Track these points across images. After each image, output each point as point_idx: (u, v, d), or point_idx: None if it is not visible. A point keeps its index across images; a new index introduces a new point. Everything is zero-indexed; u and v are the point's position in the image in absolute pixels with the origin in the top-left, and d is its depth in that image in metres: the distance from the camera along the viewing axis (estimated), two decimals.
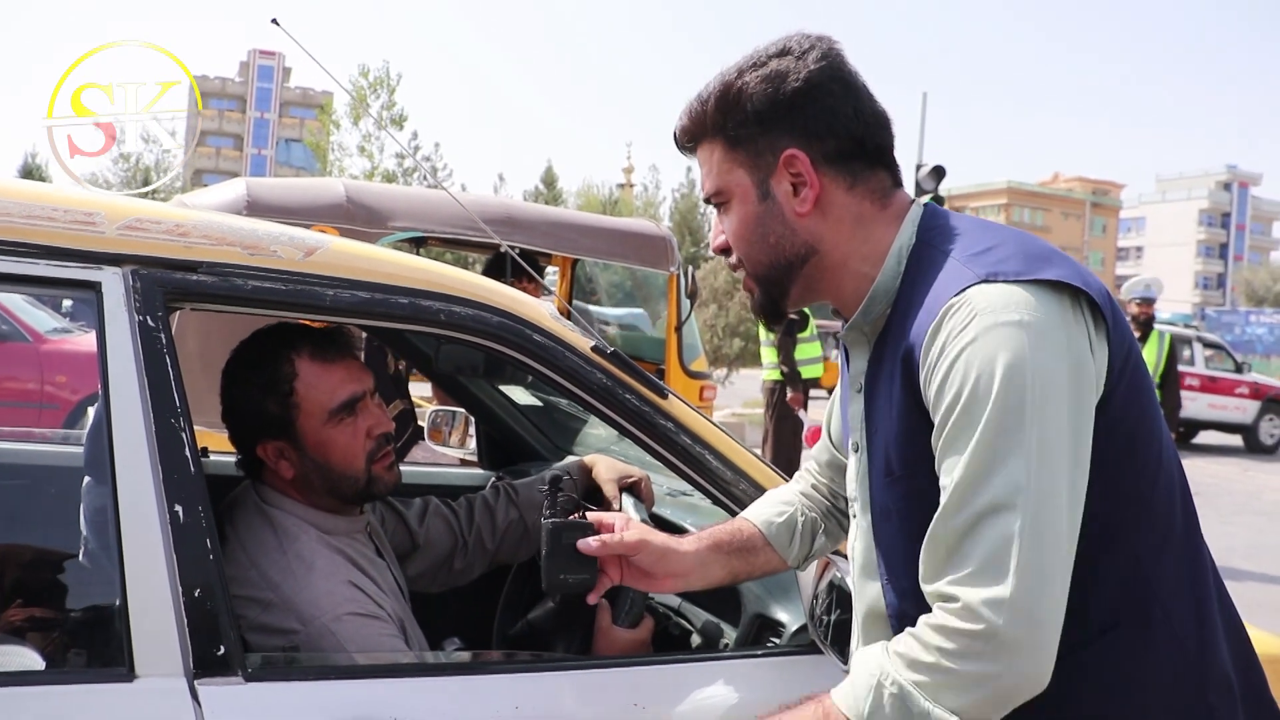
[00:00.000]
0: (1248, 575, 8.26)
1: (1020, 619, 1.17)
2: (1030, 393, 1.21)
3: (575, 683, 1.75)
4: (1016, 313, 1.25)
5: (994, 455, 1.22)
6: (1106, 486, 1.29)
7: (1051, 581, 1.20)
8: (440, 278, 1.86)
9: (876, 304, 1.45)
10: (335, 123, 30.05)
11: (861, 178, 1.46)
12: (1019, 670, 1.18)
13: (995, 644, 1.17)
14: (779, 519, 1.80)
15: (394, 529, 2.35)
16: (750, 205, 1.48)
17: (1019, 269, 1.29)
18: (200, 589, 1.49)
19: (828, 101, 1.43)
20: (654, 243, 6.91)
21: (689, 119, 1.52)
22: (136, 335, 1.57)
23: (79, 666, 1.66)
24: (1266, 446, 18.96)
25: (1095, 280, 1.33)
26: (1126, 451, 1.32)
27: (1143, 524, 1.34)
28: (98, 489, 1.97)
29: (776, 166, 1.45)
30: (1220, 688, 1.37)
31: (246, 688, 1.50)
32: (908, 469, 1.36)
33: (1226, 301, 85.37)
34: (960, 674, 1.19)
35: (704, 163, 1.53)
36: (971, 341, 1.24)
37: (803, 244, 1.47)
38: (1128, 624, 1.32)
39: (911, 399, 1.34)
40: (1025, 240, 1.37)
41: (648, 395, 1.93)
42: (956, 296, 1.29)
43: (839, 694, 1.31)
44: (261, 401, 1.95)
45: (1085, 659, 1.31)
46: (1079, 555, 1.26)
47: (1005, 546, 1.19)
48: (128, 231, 1.63)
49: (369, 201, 5.62)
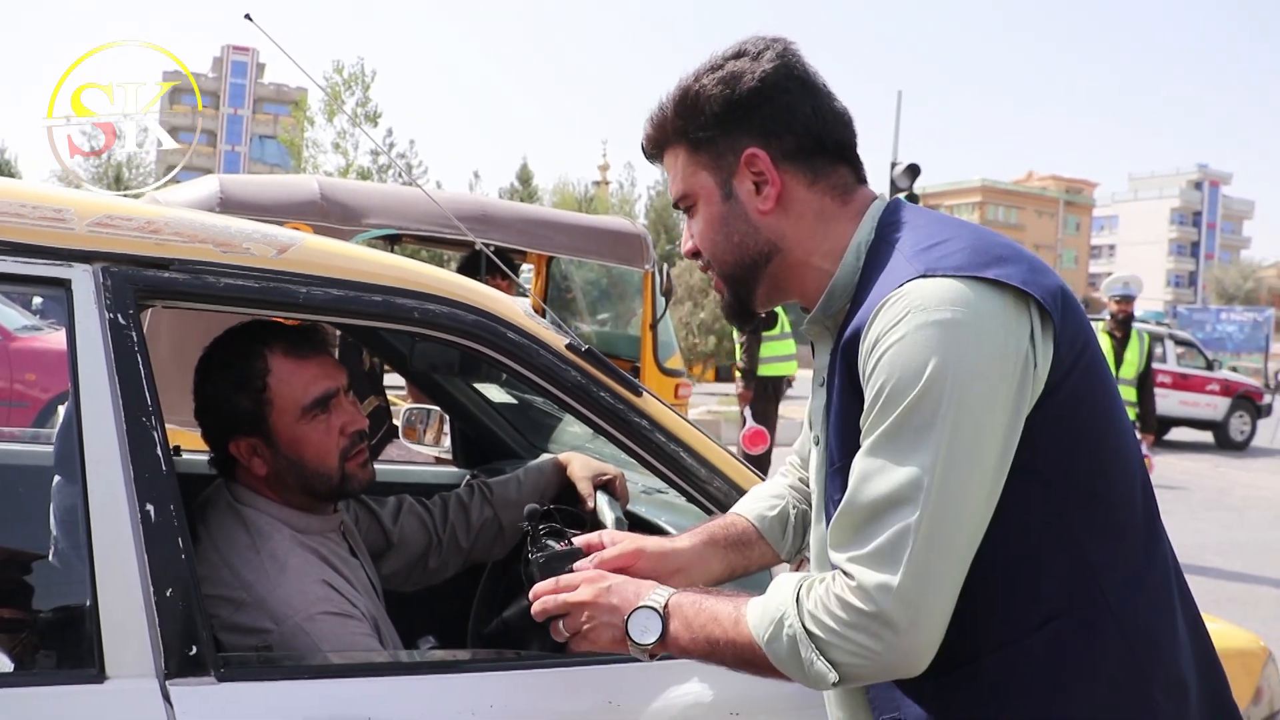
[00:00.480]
0: (1219, 570, 8.34)
1: (905, 608, 1.24)
2: (949, 393, 1.23)
3: (550, 680, 1.75)
4: (949, 310, 1.26)
5: (901, 450, 1.25)
6: (1055, 478, 1.32)
7: (940, 578, 1.25)
8: (415, 275, 1.86)
9: (836, 299, 1.47)
10: (310, 119, 29.90)
11: (822, 174, 1.48)
12: (898, 650, 1.25)
13: (879, 624, 1.25)
14: (771, 512, 1.81)
15: (368, 527, 2.34)
16: (715, 206, 1.51)
17: (960, 264, 1.30)
18: (172, 589, 1.49)
19: (784, 100, 1.45)
20: (629, 240, 6.91)
21: (652, 127, 1.55)
22: (107, 333, 1.56)
23: (49, 668, 1.65)
24: (1237, 443, 19.14)
25: (1049, 278, 1.34)
26: (1075, 446, 1.33)
27: (1094, 516, 1.34)
28: (68, 488, 1.95)
29: (738, 166, 1.47)
30: (1169, 685, 1.37)
31: (219, 688, 1.49)
32: (845, 458, 1.38)
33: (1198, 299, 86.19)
34: (847, 640, 1.27)
35: (670, 169, 1.56)
36: (900, 339, 1.26)
37: (766, 242, 1.49)
38: (1072, 614, 1.33)
39: (851, 391, 1.36)
40: (981, 237, 1.37)
41: (622, 393, 1.93)
42: (894, 291, 1.30)
43: (751, 612, 1.38)
44: (234, 397, 1.94)
45: (1028, 647, 1.32)
46: (1023, 543, 1.31)
47: (901, 539, 1.24)
48: (98, 228, 1.62)
49: (343, 199, 5.60)
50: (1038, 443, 1.29)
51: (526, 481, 2.49)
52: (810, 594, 1.32)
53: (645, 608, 1.47)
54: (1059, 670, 1.33)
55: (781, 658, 1.33)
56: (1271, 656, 2.46)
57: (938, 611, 1.26)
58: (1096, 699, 1.34)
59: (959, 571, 1.27)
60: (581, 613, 1.53)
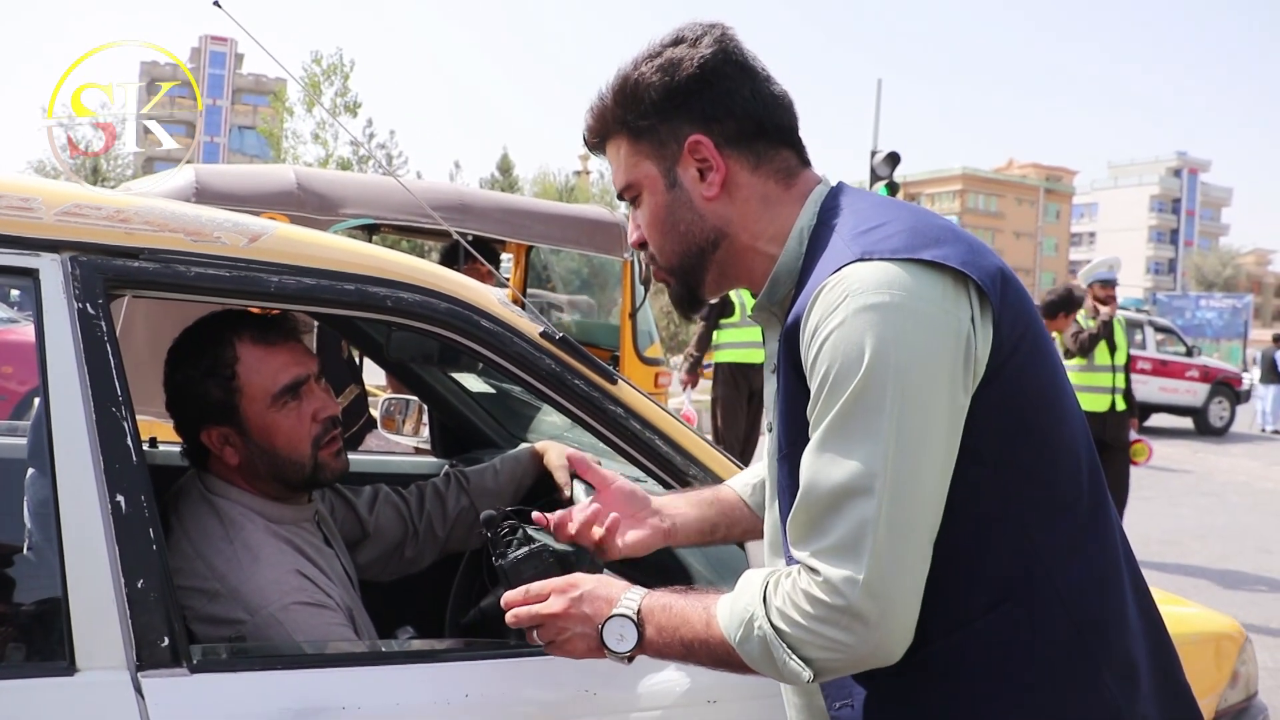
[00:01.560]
0: (1197, 555, 8.41)
1: (875, 599, 1.23)
2: (893, 378, 1.23)
3: (526, 669, 1.74)
4: (887, 293, 1.25)
5: (852, 438, 1.25)
6: (999, 462, 1.31)
7: (906, 565, 1.25)
8: (387, 264, 1.84)
9: (780, 285, 1.47)
10: (289, 110, 29.74)
11: (765, 158, 1.48)
12: (870, 642, 1.25)
13: (849, 617, 1.24)
14: (754, 480, 1.82)
15: (343, 517, 2.33)
16: (659, 195, 1.50)
17: (897, 247, 1.29)
18: (143, 580, 1.48)
19: (724, 85, 1.45)
20: (607, 229, 6.90)
21: (593, 118, 1.54)
22: (76, 323, 1.55)
23: (18, 660, 1.64)
24: (1216, 429, 19.28)
25: (987, 259, 1.33)
26: (1018, 430, 1.32)
27: (1040, 501, 1.34)
28: (40, 480, 1.94)
29: (681, 153, 1.47)
30: (1119, 668, 1.37)
31: (191, 679, 1.48)
32: (792, 445, 1.38)
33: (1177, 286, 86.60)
34: (818, 636, 1.26)
35: (612, 159, 1.55)
36: (840, 324, 1.26)
37: (712, 229, 1.49)
38: (1016, 598, 1.33)
39: (795, 377, 1.36)
40: (920, 219, 1.37)
41: (597, 380, 1.93)
42: (831, 275, 1.30)
43: (721, 612, 1.38)
44: (203, 386, 1.92)
45: (973, 632, 1.33)
46: (968, 527, 1.30)
47: (862, 530, 1.23)
48: (66, 217, 1.60)
49: (320, 188, 5.57)
50: (980, 426, 1.29)
51: (503, 471, 2.48)
52: (778, 591, 1.31)
53: (619, 616, 1.46)
54: (1007, 654, 1.33)
55: (755, 658, 1.33)
56: (1249, 640, 2.48)
57: (907, 600, 1.25)
58: (1046, 682, 1.34)
59: (924, 557, 1.27)
60: (554, 624, 1.52)
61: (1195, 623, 2.44)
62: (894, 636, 1.25)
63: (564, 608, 1.51)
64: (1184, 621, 2.33)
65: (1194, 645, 2.26)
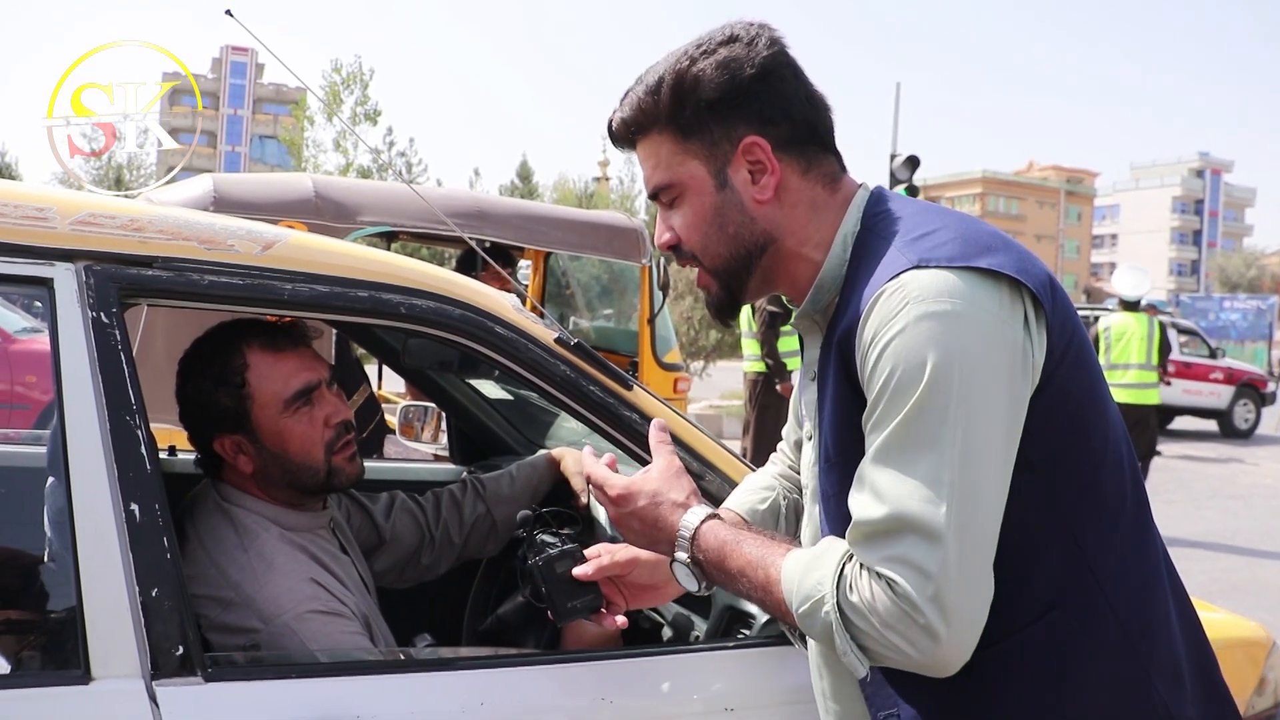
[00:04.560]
0: (1222, 560, 8.33)
1: (945, 614, 1.20)
2: (956, 387, 1.21)
3: (543, 677, 1.73)
4: (947, 301, 1.24)
5: (917, 448, 1.22)
6: (1048, 469, 1.30)
7: (974, 578, 1.22)
8: (401, 271, 1.84)
9: (824, 291, 1.45)
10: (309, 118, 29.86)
11: (815, 163, 1.46)
12: (934, 655, 1.22)
13: (918, 630, 1.21)
14: (762, 505, 1.77)
15: (360, 524, 2.33)
16: (707, 196, 1.46)
17: (953, 254, 1.28)
18: (158, 589, 1.47)
19: (781, 87, 1.43)
20: (626, 235, 6.88)
21: (635, 110, 1.48)
22: (90, 332, 1.55)
23: (34, 669, 1.64)
24: (1241, 431, 19.10)
25: (1038, 267, 1.32)
26: (1070, 435, 1.32)
27: (1087, 506, 1.33)
28: (58, 489, 1.95)
29: (735, 154, 1.43)
30: (1169, 675, 1.36)
31: (206, 688, 1.48)
32: (843, 455, 1.36)
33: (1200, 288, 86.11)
34: (884, 641, 1.23)
35: (649, 156, 1.49)
36: (900, 331, 1.24)
37: (762, 232, 1.46)
38: (1068, 605, 1.32)
39: (847, 385, 1.34)
40: (968, 226, 1.36)
41: (612, 387, 1.92)
42: (889, 282, 1.28)
43: (788, 575, 1.35)
44: (215, 395, 1.93)
45: (1026, 639, 1.31)
46: (1020, 536, 1.28)
47: (933, 542, 1.20)
48: (81, 227, 1.60)
49: (337, 196, 5.58)
50: (1033, 433, 1.28)
51: (520, 477, 2.48)
52: (855, 586, 1.26)
53: (677, 564, 1.50)
54: (1058, 661, 1.32)
55: (814, 633, 1.32)
56: (1276, 645, 2.44)
57: (975, 613, 1.23)
58: (1097, 689, 1.33)
59: (989, 569, 1.24)
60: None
61: (1222, 628, 2.41)
62: (959, 650, 1.23)
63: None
64: (1210, 627, 2.28)
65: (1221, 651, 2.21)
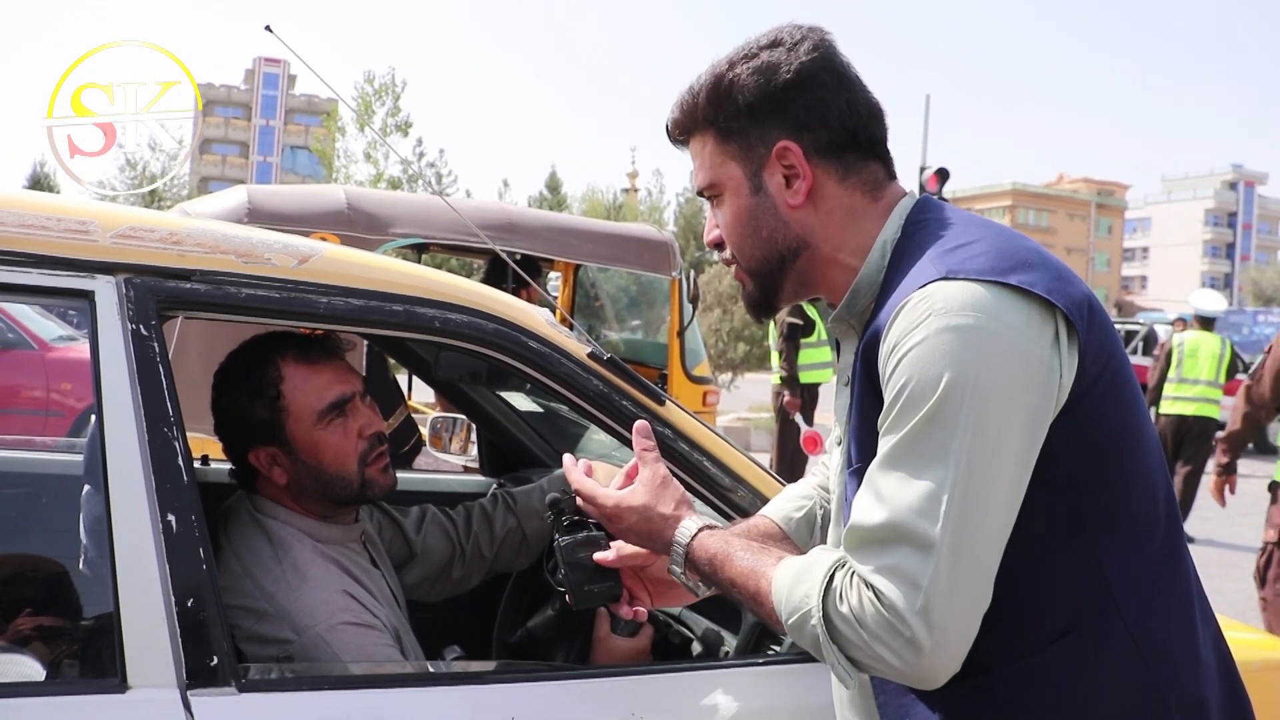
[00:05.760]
0: None
1: (931, 628, 1.19)
2: (969, 402, 1.20)
3: (573, 692, 1.74)
4: (971, 315, 1.22)
5: (921, 459, 1.22)
6: (1072, 491, 1.29)
7: (965, 595, 1.21)
8: (435, 285, 1.85)
9: (860, 297, 1.44)
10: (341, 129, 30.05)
11: (854, 169, 1.45)
12: (917, 668, 1.22)
13: (903, 641, 1.21)
14: (797, 514, 1.76)
15: (391, 537, 2.34)
16: (743, 198, 1.47)
17: (983, 268, 1.27)
18: (193, 599, 1.49)
19: (820, 93, 1.42)
20: (656, 247, 6.90)
21: (680, 111, 1.51)
22: (129, 344, 1.57)
23: (72, 677, 1.65)
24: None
25: (1075, 288, 1.30)
26: (1098, 458, 1.30)
27: (1112, 532, 1.32)
28: (95, 498, 1.97)
29: (769, 158, 1.44)
30: (1190, 708, 1.34)
31: (240, 698, 1.49)
32: (865, 460, 1.35)
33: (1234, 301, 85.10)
34: (869, 652, 1.23)
35: (696, 155, 1.52)
36: (920, 342, 1.23)
37: (795, 237, 1.46)
38: (1086, 631, 1.30)
39: (870, 391, 1.34)
40: (1007, 240, 1.34)
41: (645, 401, 1.92)
42: (916, 292, 1.27)
43: (778, 586, 1.35)
44: (250, 407, 1.94)
45: (1040, 661, 1.30)
46: (1036, 553, 1.28)
47: (925, 555, 1.20)
48: (121, 240, 1.62)
49: (370, 208, 5.62)
50: (1058, 454, 1.27)
51: (550, 490, 2.48)
52: (843, 597, 1.27)
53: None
54: (1072, 685, 1.30)
55: (803, 643, 1.32)
56: None
57: (963, 631, 1.22)
58: (1111, 716, 1.31)
59: (985, 586, 1.23)
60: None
61: (1256, 649, 2.39)
62: (943, 665, 1.22)
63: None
64: (1244, 648, 2.27)
65: (1255, 673, 2.18)
